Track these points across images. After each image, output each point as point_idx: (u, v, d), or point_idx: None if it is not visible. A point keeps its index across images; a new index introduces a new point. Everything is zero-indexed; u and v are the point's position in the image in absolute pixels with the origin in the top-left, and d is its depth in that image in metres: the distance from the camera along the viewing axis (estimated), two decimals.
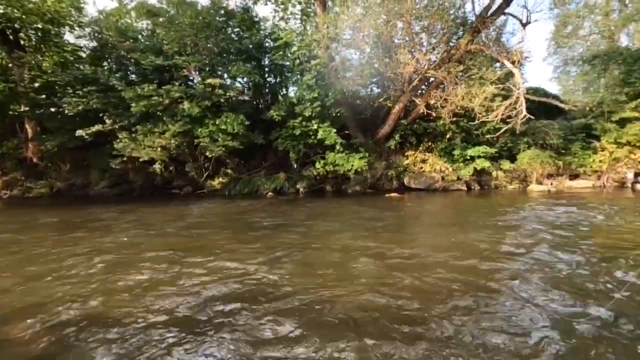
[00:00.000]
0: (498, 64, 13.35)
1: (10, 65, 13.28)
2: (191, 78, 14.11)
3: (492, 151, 13.78)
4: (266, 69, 15.51)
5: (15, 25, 12.59)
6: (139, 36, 14.88)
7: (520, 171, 14.14)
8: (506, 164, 14.10)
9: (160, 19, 14.21)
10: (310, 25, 13.80)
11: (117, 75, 13.81)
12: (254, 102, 15.94)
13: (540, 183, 13.72)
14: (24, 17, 12.10)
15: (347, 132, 14.51)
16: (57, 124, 13.61)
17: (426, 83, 14.68)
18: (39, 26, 12.87)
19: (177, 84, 12.72)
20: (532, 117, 11.77)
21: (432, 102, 13.64)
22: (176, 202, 12.07)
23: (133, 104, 12.09)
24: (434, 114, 13.65)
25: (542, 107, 15.27)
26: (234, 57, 14.32)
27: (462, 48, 12.63)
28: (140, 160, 12.84)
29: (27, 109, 13.03)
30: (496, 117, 11.70)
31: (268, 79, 15.85)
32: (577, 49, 21.68)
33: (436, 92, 13.58)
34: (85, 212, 9.79)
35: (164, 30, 13.59)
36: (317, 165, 13.51)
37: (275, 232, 6.78)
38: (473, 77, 12.36)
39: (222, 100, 12.99)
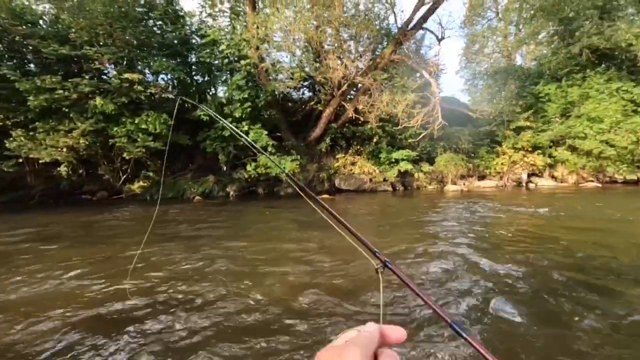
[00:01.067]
0: (418, 74, 14.49)
1: None
2: (105, 71, 12.76)
3: (414, 154, 14.89)
4: (193, 67, 14.75)
5: None
6: (40, 21, 13.00)
7: (438, 173, 15.50)
8: (426, 167, 15.33)
9: (67, 4, 12.59)
10: (239, 25, 13.48)
11: (9, 63, 11.90)
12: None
13: (455, 183, 15.20)
14: None
15: (278, 134, 14.45)
16: None
17: (355, 89, 15.34)
18: None
19: (87, 77, 11.41)
20: (446, 123, 13.02)
21: (360, 107, 14.27)
22: (86, 209, 10.76)
23: (31, 98, 10.51)
24: (362, 119, 14.28)
25: (455, 115, 16.98)
26: (157, 52, 13.35)
27: (386, 57, 13.46)
28: (41, 162, 11.21)
29: None
30: (417, 122, 12.68)
31: (195, 77, 15.09)
32: (483, 64, 24.55)
33: (364, 98, 14.26)
34: None
35: (71, 16, 12.09)
36: (249, 167, 13.20)
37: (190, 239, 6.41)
38: (396, 85, 13.26)
39: (142, 97, 11.98)
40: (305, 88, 16.66)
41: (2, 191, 12.29)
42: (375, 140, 15.09)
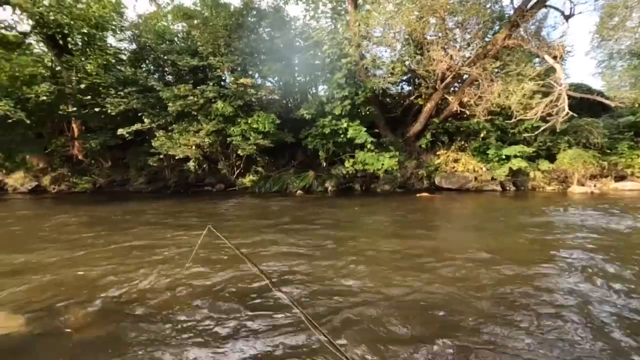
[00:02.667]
0: (538, 59, 12.77)
1: (59, 68, 14.18)
2: (224, 78, 14.48)
3: (529, 151, 13.19)
4: (296, 68, 15.67)
5: (64, 30, 13.43)
6: (175, 38, 15.43)
7: (560, 172, 13.45)
8: (545, 164, 13.45)
9: (195, 21, 14.65)
10: (341, 24, 13.78)
11: (154, 76, 14.42)
12: (284, 101, 16.15)
13: (583, 184, 13.00)
14: (72, 22, 12.87)
15: (376, 130, 14.38)
16: (100, 123, 14.39)
17: (459, 80, 14.30)
18: (85, 31, 13.67)
19: (211, 84, 13.10)
20: (574, 114, 11.19)
21: (465, 99, 13.25)
22: (209, 199, 12.43)
23: (170, 104, 12.56)
24: (467, 112, 13.24)
25: (584, 104, 14.44)
26: (265, 57, 14.56)
27: (499, 43, 12.17)
28: (176, 158, 13.33)
29: (74, 109, 13.87)
30: (535, 115, 11.19)
31: (298, 78, 16.00)
32: (624, 42, 20.24)
33: (470, 90, 13.20)
34: (126, 207, 10.31)
35: (199, 32, 14.02)
36: (347, 164, 13.49)
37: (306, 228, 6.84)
38: (510, 73, 11.90)
39: (253, 99, 13.25)
40: (404, 82, 16.20)
41: (148, 182, 15.07)
42: (482, 135, 13.84)
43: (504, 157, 13.32)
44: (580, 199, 10.99)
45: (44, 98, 12.13)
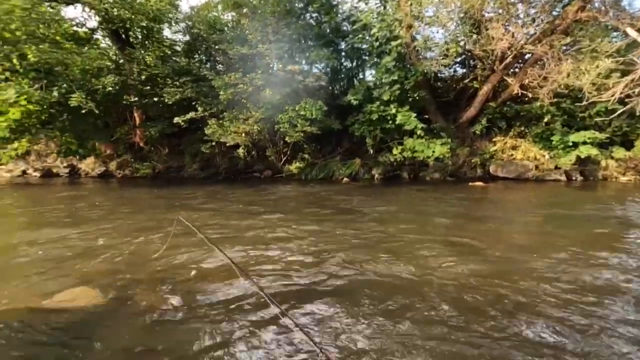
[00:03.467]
0: (617, 33, 11.34)
1: (122, 61, 15.19)
2: (272, 65, 14.61)
3: (601, 137, 11.90)
4: (343, 54, 15.38)
5: (127, 25, 14.30)
6: (225, 28, 15.80)
7: (638, 160, 12.03)
8: (620, 152, 12.11)
9: (244, 10, 14.87)
10: (391, 4, 13.19)
11: (207, 65, 14.93)
12: (330, 88, 15.99)
13: None
14: (133, 16, 13.64)
15: (427, 116, 13.78)
16: (158, 112, 15.28)
17: (520, 60, 13.17)
18: (144, 24, 14.43)
19: (259, 71, 13.28)
20: None
21: (527, 81, 12.20)
22: (257, 185, 12.79)
23: (221, 92, 12.96)
24: (529, 95, 12.19)
25: None
26: (312, 43, 14.44)
27: (570, 17, 10.97)
28: (227, 145, 13.81)
29: (135, 99, 14.84)
30: (612, 96, 10.00)
31: (344, 64, 15.72)
32: None
33: (533, 70, 12.10)
34: (181, 192, 10.94)
35: (248, 20, 14.21)
36: (395, 151, 13.13)
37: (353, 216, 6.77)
38: (583, 50, 10.70)
39: (300, 86, 13.25)
40: (457, 65, 15.26)
41: (201, 168, 15.85)
42: (546, 119, 12.70)
43: (570, 143, 12.15)
44: None
45: (110, 89, 13.08)
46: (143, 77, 14.29)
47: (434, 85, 14.81)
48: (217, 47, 14.72)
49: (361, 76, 15.77)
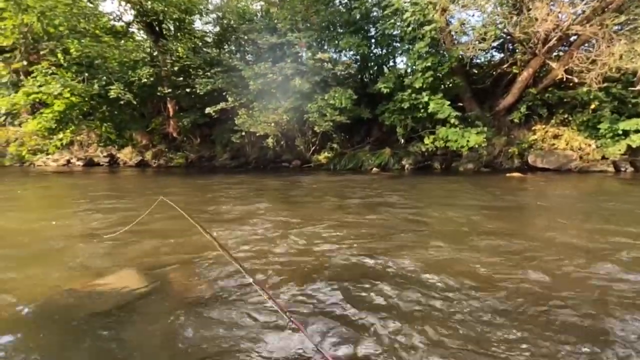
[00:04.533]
0: None
1: (156, 53, 15.65)
2: (301, 54, 14.52)
3: None
4: (373, 40, 14.99)
5: (160, 17, 14.66)
6: (255, 17, 15.84)
7: None
8: None
9: None
10: None
11: (237, 56, 15.07)
12: (359, 76, 15.70)
13: None
14: (165, 9, 13.96)
15: (461, 104, 13.24)
16: (190, 102, 15.68)
17: (565, 43, 12.29)
18: (176, 16, 14.73)
19: (289, 60, 13.24)
20: None
21: (572, 65, 11.38)
22: (287, 175, 12.86)
23: (251, 82, 13.05)
24: (575, 80, 11.38)
25: None
26: (342, 30, 14.18)
27: None
28: (256, 135, 13.97)
29: (169, 90, 15.30)
30: None
31: (374, 51, 15.33)
32: None
33: (580, 53, 11.26)
34: (214, 181, 11.20)
35: (277, 8, 14.14)
36: (426, 140, 12.75)
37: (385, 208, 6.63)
38: (639, 29, 9.81)
39: (330, 75, 13.09)
40: (494, 49, 14.48)
41: (232, 158, 16.16)
42: (593, 106, 11.83)
43: (620, 132, 11.28)
44: None
45: (145, 80, 13.56)
46: (176, 68, 14.67)
47: (469, 72, 14.18)
48: (246, 37, 14.80)
49: (392, 63, 15.35)
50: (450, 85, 12.80)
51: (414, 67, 12.32)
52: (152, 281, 3.31)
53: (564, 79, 11.59)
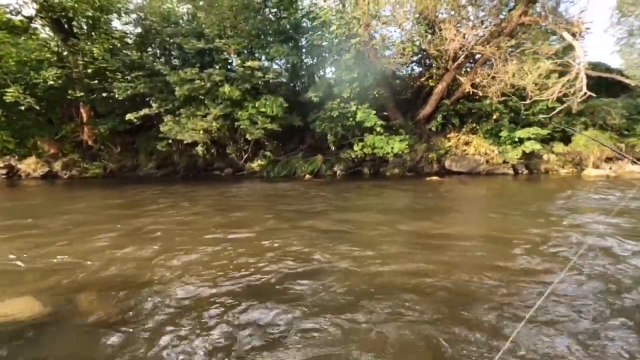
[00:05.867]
0: (555, 37, 12.28)
1: (66, 53, 14.10)
2: (230, 61, 14.26)
3: (543, 133, 12.86)
4: (303, 50, 15.33)
5: (69, 14, 13.26)
6: (180, 21, 15.17)
7: (574, 154, 13.16)
8: (559, 147, 13.14)
9: (201, 3, 14.33)
10: (349, 3, 13.32)
11: (161, 60, 14.26)
12: (291, 85, 15.91)
13: (598, 167, 12.70)
14: (76, 5, 12.68)
15: (386, 113, 14.13)
16: (108, 108, 14.39)
17: (472, 60, 13.87)
18: (90, 14, 13.46)
19: (217, 67, 12.91)
20: (593, 94, 10.80)
21: (478, 80, 12.89)
22: (218, 183, 12.46)
23: (177, 88, 12.45)
24: (480, 93, 12.89)
25: (602, 83, 13.93)
26: (272, 39, 14.26)
27: (514, 21, 11.72)
28: (184, 142, 13.32)
29: (81, 94, 13.84)
30: (551, 95, 10.84)
31: (305, 60, 15.68)
32: None
33: (483, 70, 12.81)
34: (135, 192, 10.39)
35: (204, 13, 13.73)
36: (355, 147, 13.34)
37: (318, 213, 6.81)
38: (526, 52, 11.49)
39: (260, 82, 13.05)
40: (414, 63, 15.78)
41: (158, 167, 15.16)
42: (495, 117, 13.51)
43: (516, 139, 13.03)
44: (594, 182, 10.73)
45: (52, 83, 12.11)
46: (89, 70, 13.37)
47: (392, 83, 15.22)
48: (171, 40, 14.09)
49: (322, 73, 15.81)
50: (376, 95, 13.61)
51: (342, 77, 12.85)
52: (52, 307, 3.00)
53: (471, 92, 13.05)
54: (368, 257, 4.14)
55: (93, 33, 14.09)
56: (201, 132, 12.95)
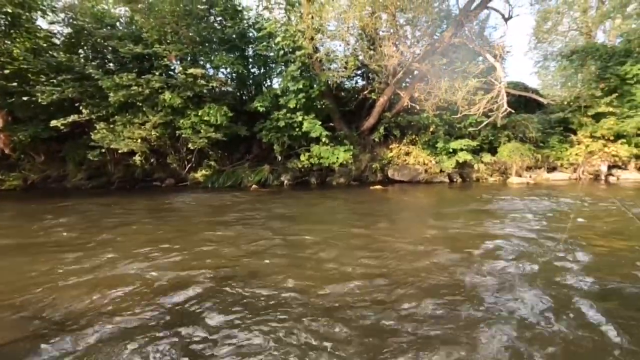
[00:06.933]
0: (480, 58, 13.53)
1: None
2: (172, 67, 13.71)
3: (474, 144, 14.03)
4: (250, 60, 15.23)
5: None
6: (117, 23, 14.32)
7: (500, 164, 14.47)
8: (487, 157, 14.38)
9: (139, 6, 13.62)
10: (294, 16, 13.57)
11: (93, 63, 13.29)
12: (238, 94, 15.69)
13: (520, 175, 14.10)
14: None
15: (331, 124, 14.47)
16: (29, 113, 13.00)
17: (410, 76, 14.77)
18: (9, 10, 12.19)
19: (157, 73, 12.34)
20: (512, 110, 12.05)
21: (416, 95, 13.74)
22: (157, 195, 11.79)
23: (111, 94, 11.67)
24: (417, 107, 13.74)
25: (522, 101, 15.65)
26: (217, 47, 14.01)
27: (446, 41, 12.72)
28: (120, 152, 12.47)
29: None
30: (478, 110, 11.89)
31: (252, 70, 15.58)
32: (556, 44, 22.23)
33: (420, 85, 13.69)
34: (59, 206, 9.45)
35: (143, 17, 13.10)
36: (302, 157, 13.46)
37: (259, 222, 6.72)
38: (456, 70, 12.51)
39: (204, 90, 12.71)
40: (358, 77, 16.42)
41: (89, 177, 13.97)
42: (431, 129, 14.47)
43: (451, 150, 14.05)
44: (517, 188, 11.89)
45: None
46: (7, 71, 12.05)
47: (337, 95, 15.65)
48: (106, 43, 13.22)
49: (269, 83, 15.82)
50: (322, 106, 13.90)
51: (288, 88, 12.96)
52: None
53: (409, 106, 13.87)
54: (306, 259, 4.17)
55: (12, 31, 12.73)
56: (139, 140, 12.24)
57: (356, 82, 16.64)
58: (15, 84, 12.42)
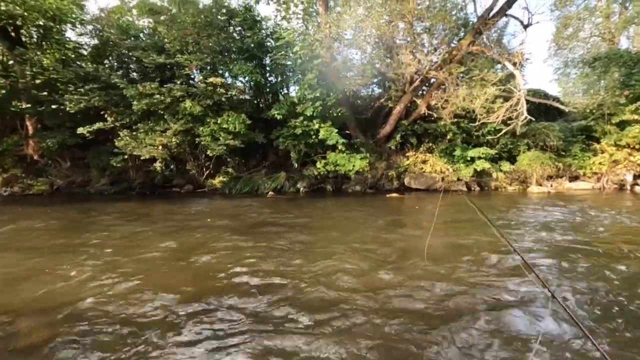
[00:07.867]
0: (499, 66, 13.40)
1: (11, 62, 13.25)
2: (192, 77, 14.10)
3: (492, 152, 13.82)
4: (267, 68, 15.50)
5: (17, 22, 12.56)
6: (141, 34, 14.86)
7: (520, 172, 14.18)
8: (506, 166, 14.13)
9: (162, 17, 14.18)
10: (312, 25, 13.81)
11: (118, 73, 13.79)
12: (255, 102, 15.96)
13: (540, 184, 13.78)
14: (25, 14, 12.06)
15: (347, 132, 14.53)
16: (57, 121, 13.58)
17: (427, 84, 14.73)
18: (41, 23, 12.84)
19: (178, 82, 12.71)
20: (532, 118, 11.83)
21: (433, 102, 13.69)
22: (177, 201, 12.05)
23: (135, 102, 12.08)
24: (434, 115, 13.67)
25: (542, 108, 15.37)
26: (236, 56, 14.33)
27: (464, 49, 12.66)
28: (141, 158, 12.83)
29: (28, 105, 13.00)
30: (497, 118, 11.74)
31: (269, 79, 15.84)
32: (577, 51, 21.68)
33: (437, 93, 13.65)
34: (83, 211, 9.78)
35: (166, 28, 13.57)
36: (318, 165, 13.53)
37: (279, 230, 6.79)
38: (474, 78, 12.41)
39: (223, 99, 13.00)
40: (375, 85, 16.48)
41: (112, 183, 14.41)
42: (449, 137, 14.34)
43: (469, 158, 13.86)
44: (538, 198, 11.62)
45: None
46: (38, 81, 12.64)
47: (354, 103, 15.74)
48: (130, 54, 13.72)
49: (286, 91, 16.04)
50: (338, 114, 14.00)
51: (305, 96, 13.12)
52: None
53: (426, 114, 13.81)
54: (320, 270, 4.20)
55: (44, 43, 13.38)
56: (160, 147, 12.57)
57: (372, 90, 16.71)
58: (45, 93, 12.99)
